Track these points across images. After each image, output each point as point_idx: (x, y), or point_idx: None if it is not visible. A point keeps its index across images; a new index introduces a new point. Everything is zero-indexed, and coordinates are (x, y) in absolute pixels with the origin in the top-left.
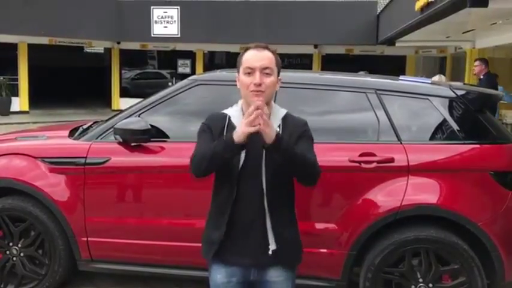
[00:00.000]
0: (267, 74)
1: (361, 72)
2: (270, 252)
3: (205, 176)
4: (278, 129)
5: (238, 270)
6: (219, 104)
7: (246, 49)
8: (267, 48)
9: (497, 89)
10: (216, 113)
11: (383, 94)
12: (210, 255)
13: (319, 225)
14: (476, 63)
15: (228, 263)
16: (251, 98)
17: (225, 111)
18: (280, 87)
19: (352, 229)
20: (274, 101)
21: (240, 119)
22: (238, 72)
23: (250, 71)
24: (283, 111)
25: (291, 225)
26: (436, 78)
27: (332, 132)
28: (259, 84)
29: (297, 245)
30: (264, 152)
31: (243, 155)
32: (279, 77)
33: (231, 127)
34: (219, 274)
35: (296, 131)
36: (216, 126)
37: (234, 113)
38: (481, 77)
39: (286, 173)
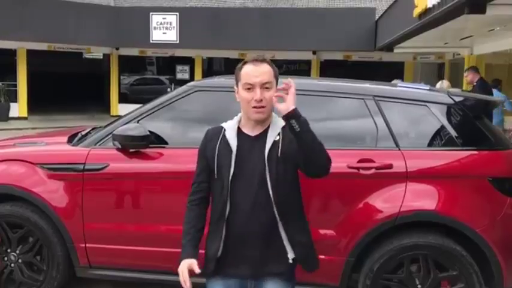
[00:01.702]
0: (266, 88)
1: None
2: (291, 261)
3: None
4: (278, 137)
5: (235, 282)
6: (217, 110)
7: (244, 63)
8: (264, 61)
9: (491, 95)
10: (213, 129)
11: (381, 100)
12: (207, 273)
13: (317, 232)
14: (466, 73)
15: (226, 275)
16: (252, 114)
17: (224, 123)
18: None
19: (350, 235)
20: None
21: (234, 132)
22: (236, 85)
23: (250, 87)
24: (282, 120)
25: (306, 231)
26: (438, 84)
27: (330, 139)
28: (260, 100)
29: (314, 250)
30: (267, 162)
31: (232, 168)
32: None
33: (225, 141)
34: (216, 285)
35: None
36: (211, 144)
37: (229, 125)
38: (474, 83)
39: (291, 179)
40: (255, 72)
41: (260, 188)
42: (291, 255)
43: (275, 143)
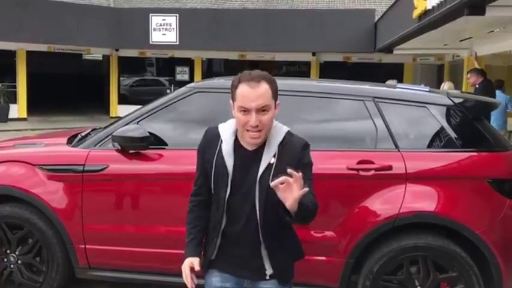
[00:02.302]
0: (263, 111)
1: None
2: (268, 278)
3: None
4: (273, 159)
5: (232, 277)
6: (217, 111)
7: (239, 80)
8: (262, 80)
9: (494, 96)
10: (212, 131)
11: (381, 102)
12: (205, 269)
13: (317, 233)
14: (469, 75)
15: (222, 270)
16: (247, 139)
17: (221, 128)
18: (279, 95)
19: (350, 237)
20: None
21: (230, 146)
22: (232, 101)
23: (245, 110)
24: (282, 133)
25: (286, 246)
26: (442, 86)
27: (330, 140)
28: (256, 126)
29: (291, 267)
30: (258, 185)
31: (228, 188)
32: (277, 102)
33: (221, 157)
34: (214, 278)
35: (294, 158)
36: (209, 153)
37: (226, 135)
38: (477, 86)
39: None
40: (250, 95)
41: (252, 207)
42: (269, 272)
43: (269, 166)
